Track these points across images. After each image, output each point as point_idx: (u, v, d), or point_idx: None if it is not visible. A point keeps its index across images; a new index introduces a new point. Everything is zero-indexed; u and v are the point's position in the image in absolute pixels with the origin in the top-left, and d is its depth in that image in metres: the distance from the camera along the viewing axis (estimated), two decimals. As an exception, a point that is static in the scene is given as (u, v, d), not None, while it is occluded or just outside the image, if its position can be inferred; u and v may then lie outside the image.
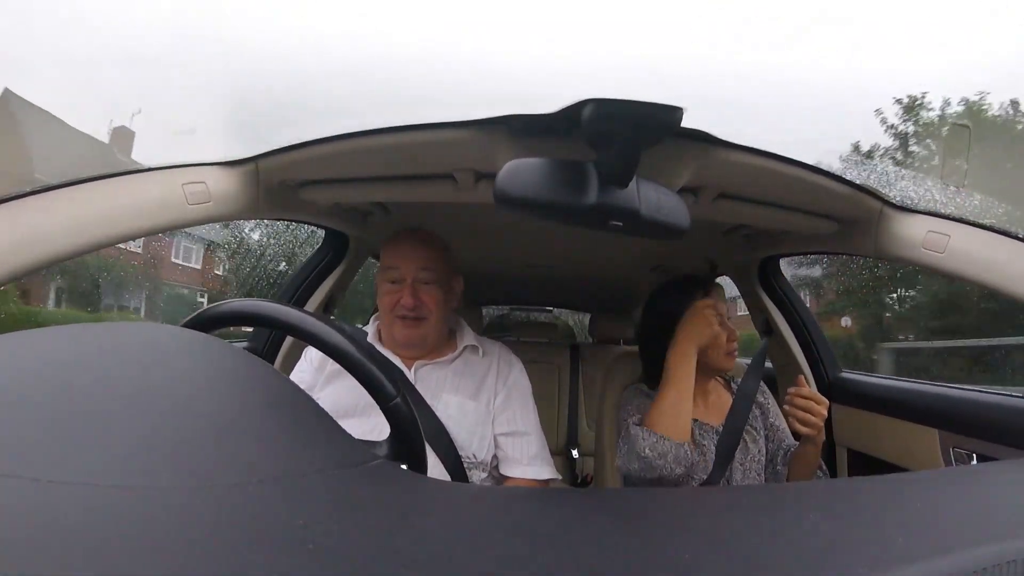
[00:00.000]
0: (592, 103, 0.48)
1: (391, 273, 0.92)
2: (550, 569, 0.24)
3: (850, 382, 1.26)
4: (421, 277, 0.91)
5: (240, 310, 0.51)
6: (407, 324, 0.90)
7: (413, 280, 0.90)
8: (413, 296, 0.89)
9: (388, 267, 0.93)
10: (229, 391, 0.33)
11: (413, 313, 0.89)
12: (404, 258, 0.92)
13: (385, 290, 0.92)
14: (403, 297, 0.89)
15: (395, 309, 0.90)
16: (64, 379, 0.28)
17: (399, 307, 0.90)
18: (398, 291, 0.90)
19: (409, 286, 0.90)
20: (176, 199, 0.70)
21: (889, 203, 0.82)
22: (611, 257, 1.51)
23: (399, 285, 0.91)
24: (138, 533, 0.21)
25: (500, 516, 0.32)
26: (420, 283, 0.91)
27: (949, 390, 1.04)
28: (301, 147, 0.74)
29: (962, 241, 0.76)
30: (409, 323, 0.90)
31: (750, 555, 0.26)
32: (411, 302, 0.89)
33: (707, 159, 0.67)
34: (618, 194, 0.54)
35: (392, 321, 0.91)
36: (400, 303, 0.90)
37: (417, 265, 0.91)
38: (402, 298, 0.89)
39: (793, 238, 1.10)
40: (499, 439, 0.93)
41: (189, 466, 0.25)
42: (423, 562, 0.23)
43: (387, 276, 0.92)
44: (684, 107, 0.47)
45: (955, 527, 0.30)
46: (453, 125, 0.65)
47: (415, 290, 0.90)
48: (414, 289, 0.90)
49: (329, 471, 0.30)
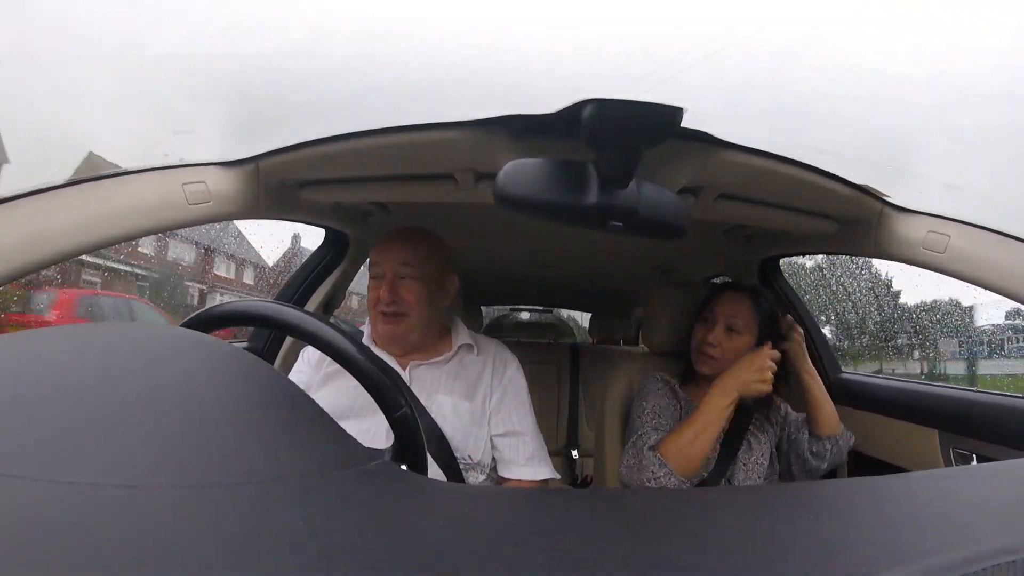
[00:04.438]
0: (592, 103, 0.48)
1: (374, 269, 0.93)
2: (550, 569, 0.24)
3: (850, 382, 1.26)
4: (401, 272, 0.91)
5: (241, 310, 0.51)
6: (387, 319, 0.90)
7: (393, 275, 0.91)
8: (391, 291, 0.89)
9: (372, 263, 0.94)
10: (229, 391, 0.33)
11: (391, 308, 0.89)
12: (385, 253, 0.92)
13: (369, 286, 0.93)
14: (382, 292, 0.90)
15: (377, 304, 0.90)
16: (64, 379, 0.28)
17: (380, 302, 0.90)
18: (378, 287, 0.91)
19: (388, 281, 0.90)
20: (176, 199, 0.70)
21: (889, 203, 0.82)
22: (611, 257, 1.51)
23: (380, 280, 0.91)
24: (138, 533, 0.21)
25: (500, 516, 0.32)
26: (400, 278, 0.91)
27: (949, 390, 1.04)
28: (301, 147, 0.74)
29: (962, 241, 0.77)
30: (388, 319, 0.90)
31: (750, 555, 0.26)
32: (388, 296, 0.89)
33: (707, 159, 0.67)
34: (618, 194, 0.54)
35: (375, 317, 0.92)
36: (380, 298, 0.90)
37: (397, 260, 0.91)
38: (381, 293, 0.90)
39: (793, 238, 1.10)
40: (495, 440, 0.92)
41: (189, 466, 0.25)
42: (423, 562, 0.23)
43: (371, 272, 0.93)
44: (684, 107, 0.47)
45: (955, 527, 0.30)
46: (453, 125, 0.65)
47: (393, 285, 0.90)
48: (392, 284, 0.90)
49: (329, 472, 0.30)
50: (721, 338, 0.98)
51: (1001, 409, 0.90)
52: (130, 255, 9.02)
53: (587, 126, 0.50)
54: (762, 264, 1.32)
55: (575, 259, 1.55)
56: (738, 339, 0.98)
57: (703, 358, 1.00)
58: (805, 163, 0.71)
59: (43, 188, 0.63)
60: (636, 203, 0.55)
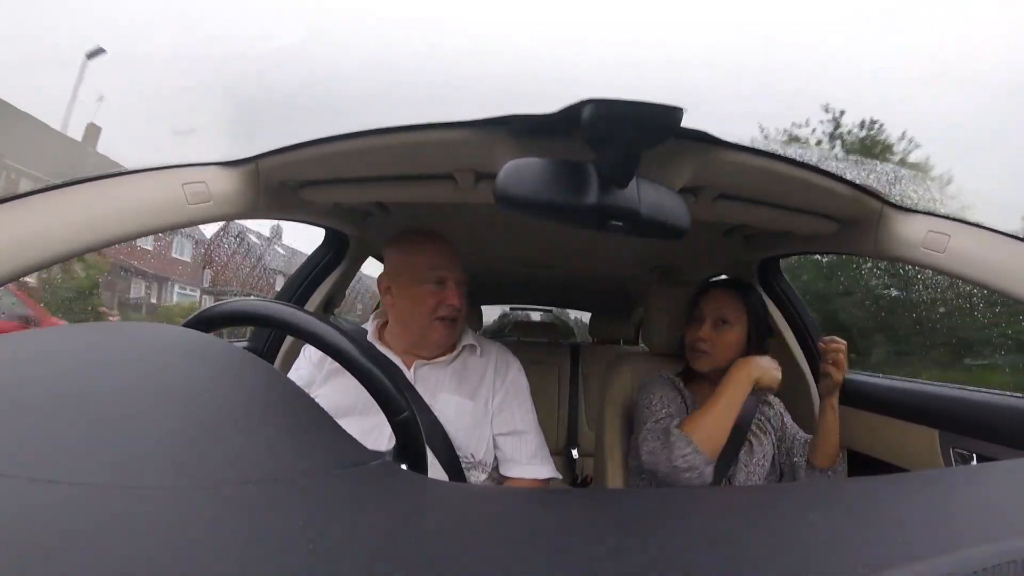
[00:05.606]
0: (592, 103, 0.48)
1: (437, 273, 0.91)
2: (550, 569, 0.24)
3: (850, 382, 1.25)
4: (460, 279, 0.92)
5: (242, 310, 0.51)
6: (447, 325, 0.91)
7: (457, 281, 0.91)
8: (460, 297, 0.91)
9: (434, 267, 0.91)
10: (229, 391, 0.33)
11: (458, 314, 0.91)
12: (449, 259, 0.92)
13: (428, 291, 0.90)
14: (449, 298, 0.89)
15: (438, 310, 0.90)
16: (63, 379, 0.28)
17: (443, 307, 0.89)
18: (441, 293, 0.90)
19: (454, 287, 0.91)
20: (176, 199, 0.70)
21: (889, 203, 0.82)
22: (611, 257, 1.51)
23: (442, 287, 0.90)
24: (138, 533, 0.20)
25: (500, 516, 0.32)
26: (461, 284, 0.92)
27: (949, 390, 1.04)
28: (301, 147, 0.74)
29: (962, 241, 0.76)
30: (448, 324, 0.91)
31: (750, 555, 0.26)
32: (459, 302, 0.90)
33: (707, 159, 0.66)
34: (618, 194, 0.54)
35: (430, 323, 0.90)
36: (446, 303, 0.89)
37: (459, 266, 0.92)
38: (447, 299, 0.89)
39: (793, 238, 1.10)
40: (497, 439, 0.93)
41: (189, 466, 0.25)
42: (423, 562, 0.23)
43: (431, 276, 0.90)
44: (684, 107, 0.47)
45: (955, 527, 0.30)
46: (453, 125, 0.65)
47: (460, 291, 0.91)
48: (459, 290, 0.91)
49: (329, 471, 0.30)
50: (710, 333, 1.01)
51: (1001, 409, 0.90)
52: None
53: (587, 126, 0.49)
54: (762, 264, 1.32)
55: (575, 259, 1.55)
56: (729, 331, 1.00)
57: (696, 355, 1.03)
58: (805, 163, 0.71)
59: (43, 188, 0.63)
60: (636, 203, 0.55)
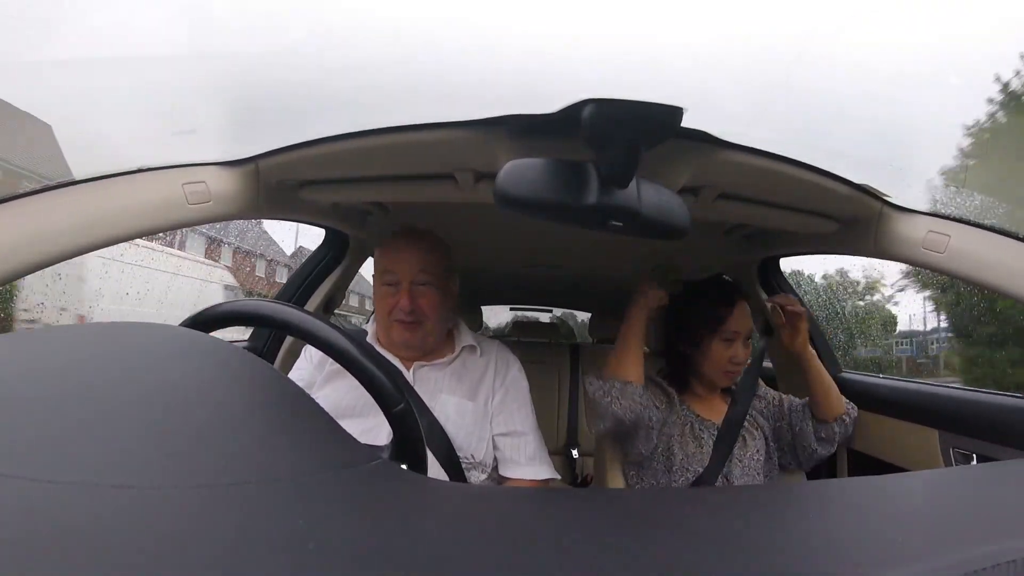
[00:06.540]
0: (592, 103, 0.48)
1: (387, 276, 0.90)
2: (550, 569, 0.24)
3: (850, 382, 1.25)
4: (418, 279, 0.89)
5: (241, 310, 0.51)
6: (405, 327, 0.89)
7: (410, 283, 0.89)
8: (410, 300, 0.88)
9: (384, 270, 0.91)
10: (229, 391, 0.33)
11: (410, 317, 0.88)
12: (401, 261, 0.90)
13: (382, 293, 0.91)
14: (400, 300, 0.88)
15: (392, 312, 0.89)
16: (63, 379, 0.28)
17: (396, 310, 0.88)
18: (395, 294, 0.89)
19: (406, 290, 0.88)
20: (176, 199, 0.70)
21: (889, 203, 0.82)
22: (611, 257, 1.51)
23: (395, 288, 0.89)
24: (138, 533, 0.21)
25: (499, 516, 0.32)
26: (417, 285, 0.89)
27: (949, 390, 1.04)
28: (301, 147, 0.74)
29: (962, 241, 0.76)
30: (406, 326, 0.89)
31: (750, 555, 0.26)
32: (408, 305, 0.88)
33: (707, 159, 0.66)
34: (618, 194, 0.54)
35: (390, 324, 0.90)
36: (397, 307, 0.88)
37: (414, 268, 0.89)
38: (399, 301, 0.88)
39: (793, 238, 1.10)
40: (497, 440, 0.93)
41: (189, 466, 0.25)
42: (423, 562, 0.23)
43: (384, 279, 0.91)
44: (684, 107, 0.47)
45: (955, 527, 0.30)
46: (453, 125, 0.65)
47: (412, 294, 0.88)
48: (411, 293, 0.88)
49: (329, 471, 0.30)
50: (743, 351, 1.00)
51: (1001, 409, 0.90)
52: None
53: (587, 126, 0.50)
54: (762, 264, 1.32)
55: (575, 259, 1.55)
56: (749, 343, 1.01)
57: (729, 376, 1.02)
58: (805, 163, 0.71)
59: (43, 188, 0.63)
60: (636, 203, 0.55)
